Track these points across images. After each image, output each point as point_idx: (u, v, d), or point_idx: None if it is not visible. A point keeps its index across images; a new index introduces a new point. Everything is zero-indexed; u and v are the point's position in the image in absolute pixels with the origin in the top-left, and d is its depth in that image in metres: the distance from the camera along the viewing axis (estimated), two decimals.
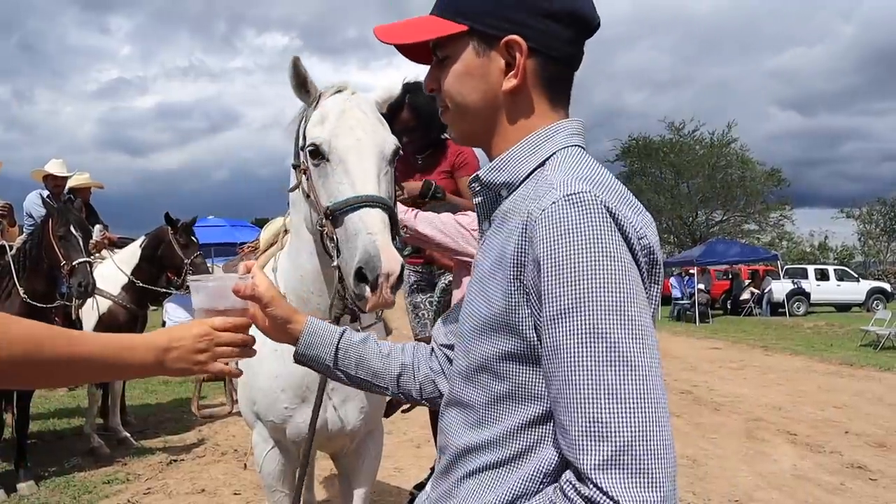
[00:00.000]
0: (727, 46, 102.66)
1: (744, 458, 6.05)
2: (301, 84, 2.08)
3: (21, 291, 5.07)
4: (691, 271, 23.35)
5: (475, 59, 1.11)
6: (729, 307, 25.51)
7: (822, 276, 26.18)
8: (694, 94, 78.18)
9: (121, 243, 7.44)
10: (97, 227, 7.18)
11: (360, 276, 1.80)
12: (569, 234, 0.92)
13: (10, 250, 5.40)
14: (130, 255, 6.84)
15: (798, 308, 23.89)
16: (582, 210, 0.93)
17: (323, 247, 2.07)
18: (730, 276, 27.06)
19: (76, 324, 6.42)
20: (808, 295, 24.59)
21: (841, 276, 26.58)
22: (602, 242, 0.91)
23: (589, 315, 0.90)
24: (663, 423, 0.89)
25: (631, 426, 0.87)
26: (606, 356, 0.89)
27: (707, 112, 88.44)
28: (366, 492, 2.72)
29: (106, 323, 6.48)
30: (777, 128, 76.06)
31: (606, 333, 0.89)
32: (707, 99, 76.16)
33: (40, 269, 5.11)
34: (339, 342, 1.39)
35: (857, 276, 27.53)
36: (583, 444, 0.89)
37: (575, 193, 0.94)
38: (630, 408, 0.87)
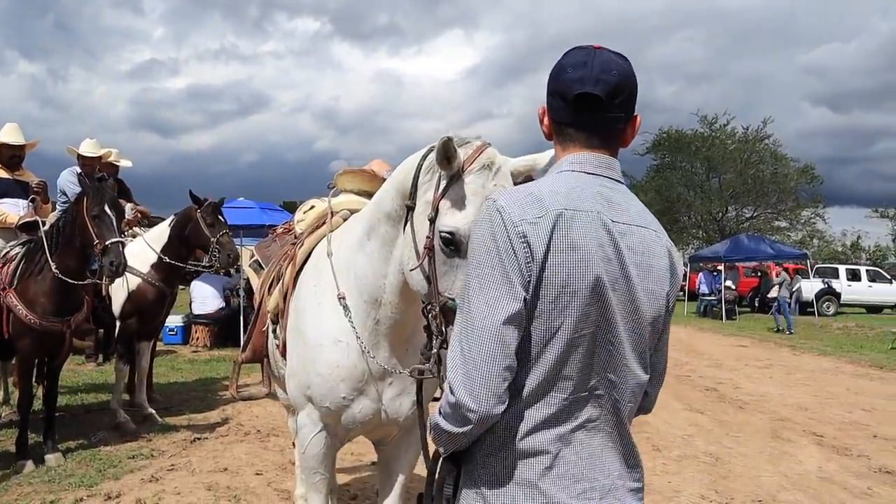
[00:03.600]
0: (761, 40, 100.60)
1: (768, 457, 5.97)
2: (447, 159, 1.97)
3: (53, 267, 5.14)
4: (719, 267, 23.05)
5: None
6: (756, 305, 25.17)
7: (854, 276, 25.67)
8: (725, 89, 76.84)
9: (155, 221, 7.54)
10: (129, 205, 7.27)
11: None
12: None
13: (44, 226, 5.48)
14: (160, 233, 6.93)
15: (828, 308, 23.51)
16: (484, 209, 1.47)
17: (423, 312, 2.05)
18: (759, 274, 26.67)
19: (105, 300, 6.54)
20: (838, 295, 24.18)
21: (873, 277, 26.05)
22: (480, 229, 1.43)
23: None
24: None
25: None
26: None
27: (738, 107, 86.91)
28: (405, 479, 2.79)
29: (135, 300, 6.58)
30: (809, 124, 74.51)
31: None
32: (738, 93, 74.82)
33: (73, 246, 5.17)
34: None
35: (889, 277, 26.90)
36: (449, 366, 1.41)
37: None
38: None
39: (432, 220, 1.98)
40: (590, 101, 1.45)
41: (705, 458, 5.93)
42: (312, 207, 3.27)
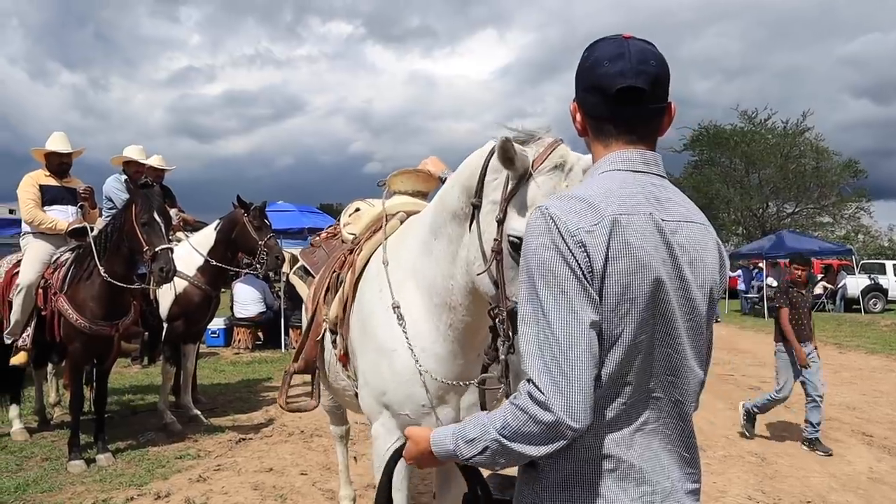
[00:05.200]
0: (797, 33, 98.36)
1: (816, 458, 5.85)
2: (508, 160, 1.89)
3: (102, 271, 5.27)
4: (760, 264, 22.62)
5: None
6: None
7: None
8: (762, 83, 75.18)
9: (198, 226, 7.68)
10: (173, 210, 7.42)
11: None
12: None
13: (92, 231, 5.63)
14: (205, 237, 7.05)
15: (874, 305, 22.87)
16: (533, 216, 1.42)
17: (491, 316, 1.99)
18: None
19: (154, 304, 6.69)
20: (885, 291, 23.49)
21: None
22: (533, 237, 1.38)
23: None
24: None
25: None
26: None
27: (776, 101, 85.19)
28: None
29: (182, 303, 6.72)
30: (850, 117, 72.39)
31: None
32: (776, 87, 73.26)
33: (121, 252, 5.30)
34: None
35: None
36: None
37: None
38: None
39: (500, 222, 1.91)
40: (633, 95, 1.41)
41: (751, 457, 5.84)
42: (357, 210, 3.19)
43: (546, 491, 1.40)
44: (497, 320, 1.92)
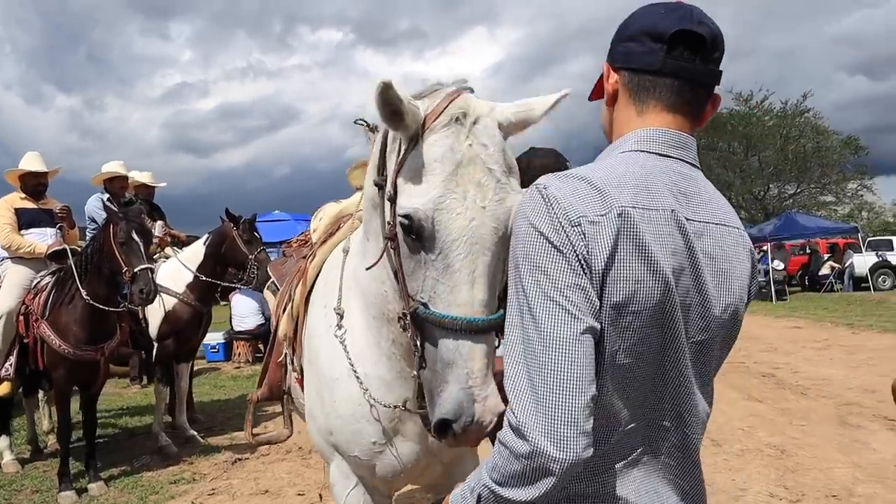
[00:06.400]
0: (788, 13, 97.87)
1: (838, 446, 5.60)
2: (394, 114, 1.48)
3: (83, 294, 5.07)
4: (764, 248, 22.36)
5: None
6: (807, 283, 24.35)
7: None
8: (756, 65, 74.80)
9: (189, 241, 7.49)
10: (159, 223, 7.23)
11: (443, 427, 1.42)
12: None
13: (73, 254, 5.42)
14: (194, 252, 6.85)
15: (884, 282, 22.56)
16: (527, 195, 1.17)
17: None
18: (808, 251, 25.83)
19: (143, 324, 6.48)
20: (894, 268, 23.22)
21: None
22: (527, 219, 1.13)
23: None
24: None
25: None
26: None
27: (771, 82, 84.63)
28: None
29: (172, 321, 6.51)
30: (846, 95, 71.88)
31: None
32: (770, 69, 72.83)
33: (102, 273, 5.11)
34: None
35: None
36: None
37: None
38: None
39: (392, 200, 1.53)
40: (691, 43, 1.20)
41: (770, 450, 5.59)
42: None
43: None
44: (400, 325, 1.59)
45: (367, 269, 1.72)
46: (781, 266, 22.09)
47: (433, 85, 1.61)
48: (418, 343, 1.49)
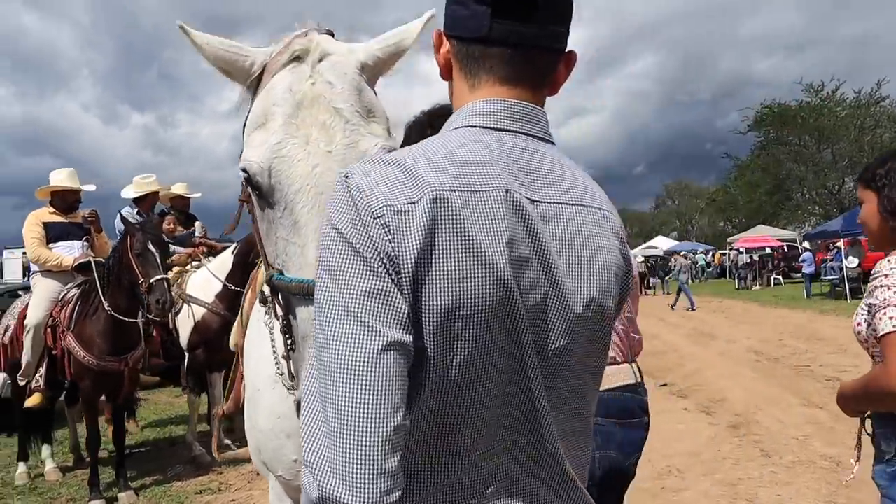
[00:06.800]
0: (862, 1, 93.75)
1: None
2: (224, 64, 1.38)
3: (106, 305, 5.13)
4: (837, 244, 21.24)
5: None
6: None
7: None
8: (827, 55, 72.19)
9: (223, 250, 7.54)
10: (198, 223, 7.33)
11: None
12: None
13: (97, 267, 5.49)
14: (223, 262, 6.84)
15: None
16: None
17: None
18: None
19: (174, 334, 6.52)
20: None
21: None
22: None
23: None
24: None
25: None
26: None
27: (843, 72, 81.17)
28: None
29: (201, 331, 6.51)
30: None
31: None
32: (842, 58, 70.01)
33: (122, 285, 5.17)
34: None
35: None
36: None
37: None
38: None
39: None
40: (521, 1, 1.00)
41: (823, 462, 5.17)
42: None
43: None
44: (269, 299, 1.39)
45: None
46: (856, 262, 20.91)
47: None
48: (280, 318, 1.34)
